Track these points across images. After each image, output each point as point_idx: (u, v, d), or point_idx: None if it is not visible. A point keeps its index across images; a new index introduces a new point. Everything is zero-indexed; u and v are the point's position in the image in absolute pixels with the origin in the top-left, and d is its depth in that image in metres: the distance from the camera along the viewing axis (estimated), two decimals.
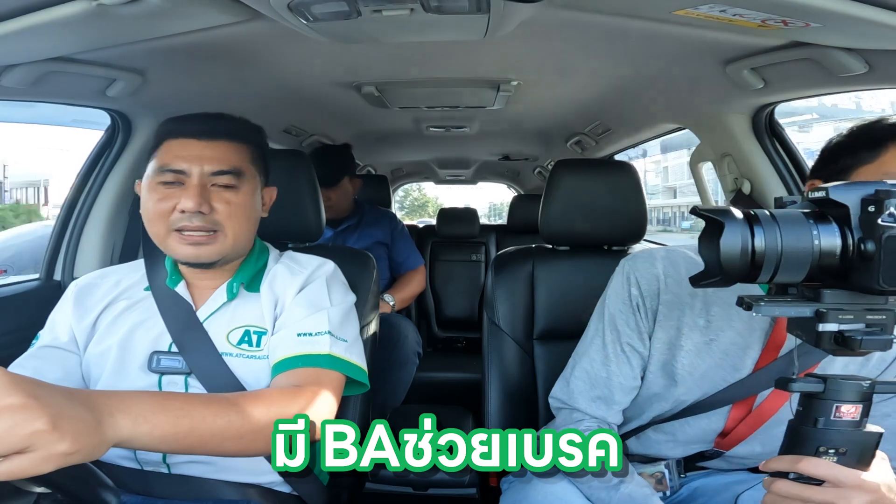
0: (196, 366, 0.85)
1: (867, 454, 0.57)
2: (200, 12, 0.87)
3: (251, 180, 0.90)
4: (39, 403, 0.48)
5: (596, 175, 1.26)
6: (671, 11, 0.85)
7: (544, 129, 2.30)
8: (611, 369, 0.86)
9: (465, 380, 2.10)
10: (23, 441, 0.47)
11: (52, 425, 0.47)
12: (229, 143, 0.88)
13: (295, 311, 0.88)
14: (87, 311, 0.91)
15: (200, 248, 0.85)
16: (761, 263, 0.52)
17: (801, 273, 0.53)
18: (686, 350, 0.83)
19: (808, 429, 0.57)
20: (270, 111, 1.77)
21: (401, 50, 1.21)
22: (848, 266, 0.52)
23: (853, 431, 0.56)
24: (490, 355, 1.19)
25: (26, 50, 0.93)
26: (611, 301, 0.88)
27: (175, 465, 0.84)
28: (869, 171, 0.71)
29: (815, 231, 0.52)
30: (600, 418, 0.87)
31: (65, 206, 1.50)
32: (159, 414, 0.59)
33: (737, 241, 0.52)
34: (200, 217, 0.83)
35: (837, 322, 0.53)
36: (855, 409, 0.55)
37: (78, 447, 0.49)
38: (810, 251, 0.52)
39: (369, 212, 2.10)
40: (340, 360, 0.85)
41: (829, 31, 0.84)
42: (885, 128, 0.73)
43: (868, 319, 0.53)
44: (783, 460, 0.59)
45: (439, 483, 1.01)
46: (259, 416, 0.68)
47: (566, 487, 0.82)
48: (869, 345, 0.52)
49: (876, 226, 0.49)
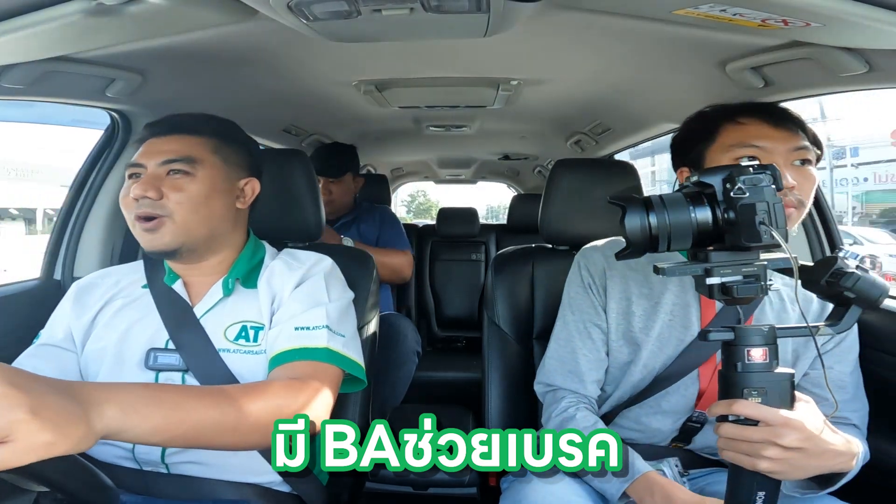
0: (193, 362, 0.85)
1: (785, 394, 0.66)
2: (200, 12, 0.87)
3: (210, 169, 0.89)
4: (18, 392, 0.46)
5: (596, 175, 1.26)
6: (671, 11, 0.85)
7: (544, 128, 2.29)
8: (574, 345, 0.97)
9: (465, 379, 2.10)
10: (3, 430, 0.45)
11: (32, 413, 0.46)
12: (184, 136, 0.91)
13: (292, 305, 0.88)
14: (85, 309, 0.91)
15: (152, 235, 0.86)
16: (657, 236, 0.66)
17: (688, 241, 0.66)
18: (638, 316, 0.94)
19: (732, 374, 0.66)
20: (270, 111, 1.77)
21: (401, 49, 1.21)
22: (721, 232, 0.65)
23: (766, 374, 0.65)
24: (490, 355, 1.19)
25: (26, 49, 0.93)
26: (569, 288, 1.01)
27: (174, 465, 0.84)
28: (714, 149, 0.87)
29: (691, 208, 0.66)
30: (577, 392, 0.95)
31: (65, 205, 1.50)
32: (150, 405, 0.58)
33: (636, 221, 0.66)
34: (148, 203, 0.85)
35: (720, 276, 0.65)
36: (763, 353, 0.65)
37: (60, 437, 0.48)
38: (689, 224, 0.65)
39: (365, 209, 2.10)
40: (338, 354, 0.85)
41: (829, 31, 0.84)
42: (711, 115, 0.91)
43: (744, 272, 0.65)
44: (721, 405, 0.67)
45: (439, 482, 1.01)
46: (255, 408, 0.67)
47: (566, 487, 0.82)
48: (744, 291, 0.64)
49: (731, 198, 0.63)
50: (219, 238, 0.92)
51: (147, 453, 0.83)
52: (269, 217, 0.99)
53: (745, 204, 0.62)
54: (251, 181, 0.96)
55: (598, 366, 0.96)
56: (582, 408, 0.92)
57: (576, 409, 0.91)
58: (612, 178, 1.25)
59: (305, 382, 0.77)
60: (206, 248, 0.91)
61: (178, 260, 0.91)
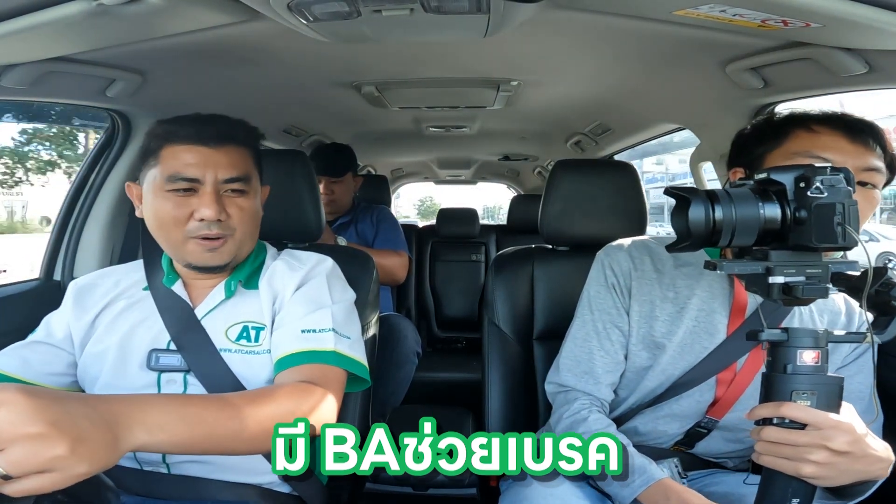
0: (194, 363, 0.85)
1: (834, 398, 0.65)
2: (200, 12, 0.87)
3: (255, 184, 0.92)
4: (59, 432, 0.48)
5: (596, 175, 1.26)
6: (671, 11, 0.85)
7: (544, 129, 2.30)
8: (592, 345, 0.94)
9: (465, 380, 2.10)
10: (42, 465, 0.48)
11: (72, 451, 0.49)
12: (237, 148, 0.88)
13: (296, 308, 0.88)
14: (85, 311, 0.91)
15: (214, 253, 0.86)
16: (721, 230, 0.64)
17: (752, 237, 0.64)
18: (661, 320, 0.91)
19: (780, 375, 0.65)
20: (270, 111, 1.77)
21: (401, 50, 1.21)
22: (787, 230, 0.63)
23: (818, 376, 0.64)
24: (490, 355, 1.19)
25: (26, 50, 0.93)
26: (590, 286, 0.98)
27: (174, 465, 0.84)
28: (777, 154, 0.83)
29: (760, 203, 0.64)
30: (590, 394, 0.92)
31: (65, 206, 1.50)
32: (177, 423, 0.60)
33: (701, 213, 0.64)
34: (218, 224, 0.85)
35: (783, 275, 0.63)
36: (816, 355, 0.64)
37: (95, 466, 0.51)
38: (757, 219, 0.63)
39: (363, 209, 2.10)
40: (345, 356, 0.85)
41: (829, 32, 0.84)
42: (783, 120, 0.86)
43: (807, 273, 0.63)
44: (766, 407, 0.65)
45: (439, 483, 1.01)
46: (267, 415, 0.68)
47: (566, 488, 0.82)
48: (809, 292, 0.63)
49: (807, 197, 0.62)
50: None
51: (148, 454, 0.83)
52: (269, 217, 0.99)
53: (823, 204, 0.61)
54: (265, 188, 0.97)
55: (614, 368, 0.93)
56: (595, 410, 0.90)
57: (588, 411, 0.89)
58: (612, 178, 1.25)
59: (314, 386, 0.77)
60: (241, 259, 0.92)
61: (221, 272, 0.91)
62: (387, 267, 1.93)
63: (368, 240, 2.03)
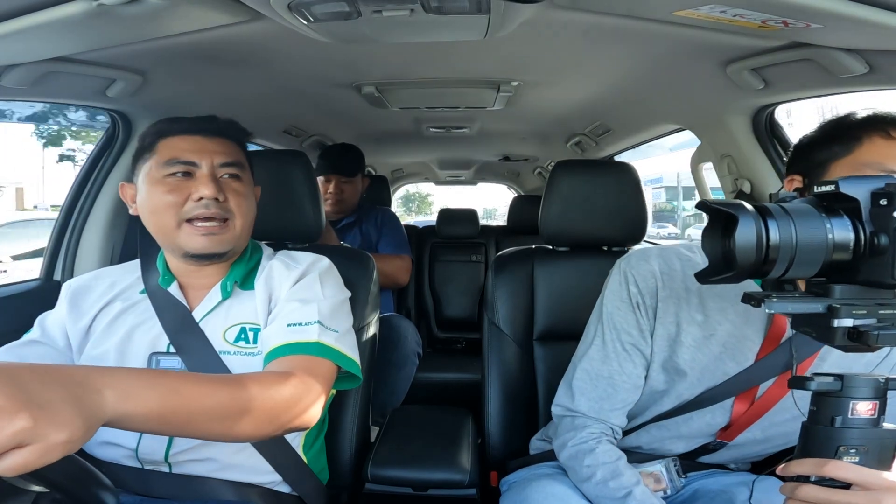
0: (194, 366, 0.85)
1: (887, 453, 0.56)
2: (200, 13, 0.87)
3: (249, 177, 0.95)
4: (13, 402, 0.45)
5: (596, 176, 1.26)
6: (671, 12, 0.85)
7: (544, 129, 2.30)
8: (612, 367, 0.85)
9: (465, 380, 2.10)
10: (10, 439, 0.44)
11: (34, 420, 0.45)
12: (229, 140, 0.92)
13: (286, 304, 0.88)
14: (82, 314, 0.91)
15: (213, 238, 0.86)
16: (776, 258, 0.50)
17: (815, 268, 0.51)
18: (686, 346, 0.83)
19: (826, 428, 0.56)
20: (270, 112, 1.77)
21: (401, 50, 1.21)
22: (858, 260, 0.51)
23: (872, 430, 0.55)
24: (490, 356, 1.19)
25: (26, 50, 0.93)
26: (609, 300, 0.88)
27: (176, 465, 0.84)
28: (845, 163, 0.72)
29: (828, 224, 0.51)
30: (604, 420, 0.85)
31: (64, 206, 1.50)
32: (148, 390, 0.56)
33: (751, 235, 0.50)
34: (217, 204, 0.85)
35: (852, 317, 0.51)
36: (872, 406, 0.54)
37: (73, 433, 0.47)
38: (825, 245, 0.50)
39: (368, 210, 2.10)
40: (330, 348, 0.83)
41: (829, 32, 0.84)
42: (856, 122, 0.74)
43: (880, 314, 0.51)
44: (806, 464, 0.57)
45: (439, 484, 1.01)
46: (247, 397, 0.65)
47: (566, 488, 0.82)
48: (885, 340, 0.50)
49: (889, 219, 0.49)
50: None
51: (150, 453, 0.83)
52: (269, 217, 0.99)
53: None
54: (257, 188, 0.99)
55: (633, 391, 0.86)
56: (604, 440, 0.83)
57: (597, 441, 0.83)
58: (612, 179, 1.25)
59: (295, 373, 0.75)
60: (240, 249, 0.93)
61: (218, 262, 0.91)
62: (389, 271, 1.93)
63: (372, 241, 2.03)
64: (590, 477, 0.80)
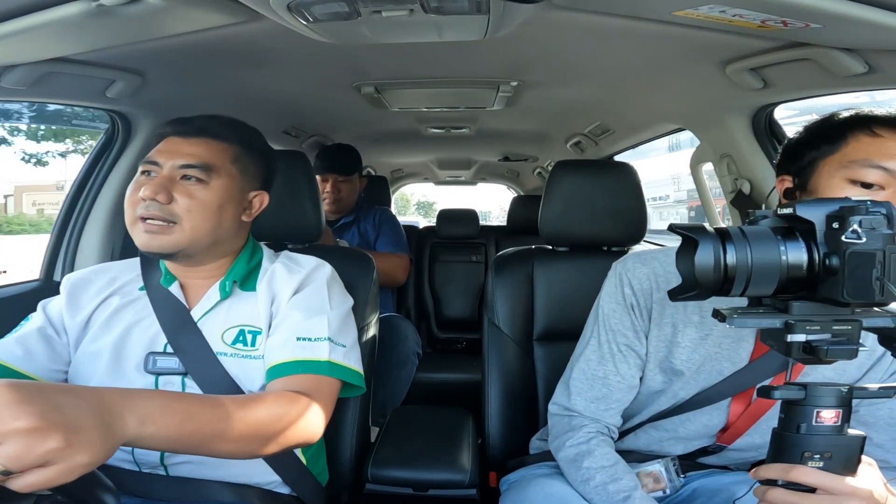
0: (192, 366, 0.85)
1: (852, 459, 0.59)
2: (200, 13, 0.87)
3: (225, 179, 0.88)
4: (50, 424, 0.48)
5: (595, 176, 1.26)
6: (671, 12, 0.85)
7: (544, 129, 2.30)
8: (607, 368, 0.88)
9: (465, 381, 2.10)
10: (39, 459, 0.47)
11: (67, 442, 0.48)
12: (208, 140, 0.89)
13: (293, 313, 0.88)
14: (80, 308, 0.90)
15: (154, 237, 0.84)
16: (733, 277, 0.54)
17: (771, 286, 0.55)
18: (683, 346, 0.85)
19: (792, 435, 0.59)
20: (270, 112, 1.77)
21: (400, 50, 1.21)
22: (815, 279, 0.54)
23: (835, 437, 0.58)
24: (490, 356, 1.19)
25: (26, 50, 0.93)
26: (605, 302, 0.90)
27: (173, 467, 0.84)
28: (833, 161, 0.74)
29: (782, 247, 0.54)
30: (599, 420, 0.87)
31: (65, 206, 1.50)
32: (167, 416, 0.60)
33: (709, 257, 0.54)
34: (157, 206, 0.84)
35: (805, 333, 0.55)
36: (835, 415, 0.57)
37: (94, 455, 0.50)
38: (778, 265, 0.54)
39: (366, 210, 2.10)
40: (339, 366, 0.85)
41: (828, 32, 0.84)
42: (842, 121, 0.75)
43: (834, 330, 0.55)
44: (774, 468, 0.60)
45: (439, 484, 1.01)
46: (253, 419, 0.69)
47: (566, 488, 0.82)
48: (835, 354, 0.54)
49: (840, 241, 0.52)
50: (220, 245, 0.91)
51: (146, 455, 0.83)
52: (269, 218, 0.99)
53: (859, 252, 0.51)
54: (261, 194, 0.95)
55: (628, 392, 0.88)
56: (602, 442, 0.84)
57: (595, 442, 0.84)
58: (611, 179, 1.25)
59: (303, 394, 0.78)
60: (206, 253, 0.91)
61: (174, 261, 0.90)
62: (387, 269, 1.93)
63: (370, 240, 2.03)
64: (588, 479, 0.81)
